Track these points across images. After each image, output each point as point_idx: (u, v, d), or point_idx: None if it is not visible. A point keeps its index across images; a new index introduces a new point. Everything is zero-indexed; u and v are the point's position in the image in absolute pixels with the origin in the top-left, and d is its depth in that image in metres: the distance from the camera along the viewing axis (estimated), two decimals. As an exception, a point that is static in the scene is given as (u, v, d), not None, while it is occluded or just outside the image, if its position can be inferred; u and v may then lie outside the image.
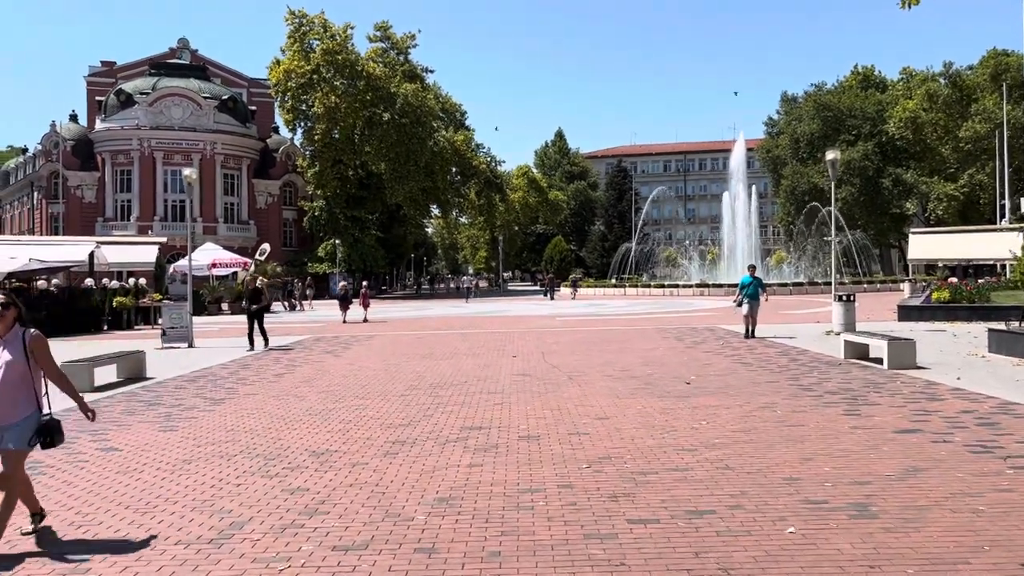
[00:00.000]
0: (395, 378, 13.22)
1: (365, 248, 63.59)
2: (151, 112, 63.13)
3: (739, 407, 9.67)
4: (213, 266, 39.64)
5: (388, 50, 65.40)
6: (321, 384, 12.67)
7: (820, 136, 75.07)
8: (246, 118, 68.91)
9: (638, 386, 11.65)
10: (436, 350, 18.21)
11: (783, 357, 15.13)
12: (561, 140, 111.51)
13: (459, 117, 77.25)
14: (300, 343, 21.18)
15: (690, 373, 13.02)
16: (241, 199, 67.75)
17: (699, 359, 15.16)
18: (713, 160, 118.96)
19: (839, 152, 20.43)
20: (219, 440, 8.40)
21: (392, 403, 10.56)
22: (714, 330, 22.42)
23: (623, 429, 8.45)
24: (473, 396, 10.97)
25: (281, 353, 18.46)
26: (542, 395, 10.94)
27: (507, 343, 19.68)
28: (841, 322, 19.66)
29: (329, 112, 59.49)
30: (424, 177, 61.89)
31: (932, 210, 67.23)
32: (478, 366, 14.71)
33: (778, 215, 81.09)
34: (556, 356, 16.23)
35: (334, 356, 17.42)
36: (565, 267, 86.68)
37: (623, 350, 17.20)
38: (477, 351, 17.77)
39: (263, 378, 13.69)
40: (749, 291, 19.78)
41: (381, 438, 8.27)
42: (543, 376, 13.04)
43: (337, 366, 15.33)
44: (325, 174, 61.53)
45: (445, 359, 16.19)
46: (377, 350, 18.68)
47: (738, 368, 13.59)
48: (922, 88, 69.60)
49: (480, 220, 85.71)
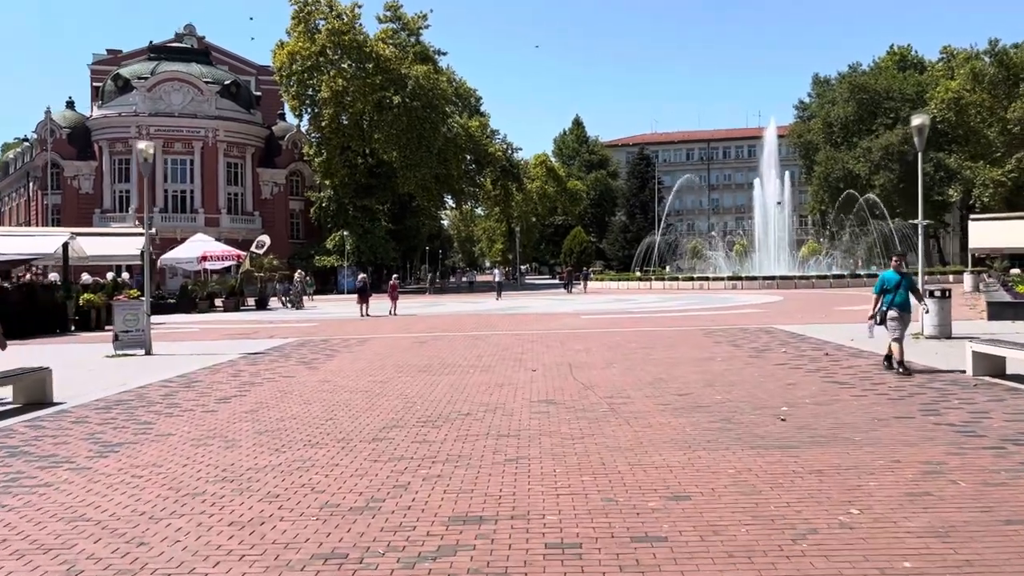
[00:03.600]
0: (374, 406, 9.80)
1: (375, 240, 60.33)
2: (150, 98, 60.00)
3: (888, 471, 6.16)
4: (203, 259, 36.34)
5: (399, 31, 61.96)
6: (271, 417, 9.28)
7: (855, 120, 71.14)
8: (250, 104, 65.72)
9: (713, 424, 8.16)
10: (438, 360, 14.79)
11: (884, 372, 11.57)
12: (579, 128, 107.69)
13: (474, 103, 73.76)
14: (279, 348, 17.83)
15: (775, 399, 9.52)
16: (245, 189, 64.58)
17: (774, 375, 11.64)
18: (738, 148, 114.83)
19: (927, 118, 16.75)
20: (25, 550, 4.99)
21: (354, 457, 7.13)
22: (771, 332, 18.85)
23: (723, 528, 4.96)
24: (475, 445, 7.52)
25: (250, 362, 15.12)
26: (575, 443, 7.48)
27: (526, 350, 16.23)
28: (935, 323, 16.08)
29: (336, 96, 56.24)
30: (437, 164, 58.48)
31: (977, 196, 62.95)
32: (487, 386, 11.27)
33: (810, 204, 76.94)
34: (587, 370, 12.77)
35: (310, 368, 14.04)
36: (585, 259, 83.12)
37: (671, 361, 13.69)
38: (488, 362, 14.32)
39: (201, 405, 10.31)
40: (898, 298, 11.62)
41: (306, 548, 4.82)
42: (574, 404, 9.58)
43: (307, 385, 11.95)
44: (333, 162, 58.29)
45: (447, 374, 12.77)
46: (367, 359, 15.28)
47: (837, 391, 10.06)
48: (966, 67, 65.23)
49: (496, 211, 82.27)
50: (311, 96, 58.44)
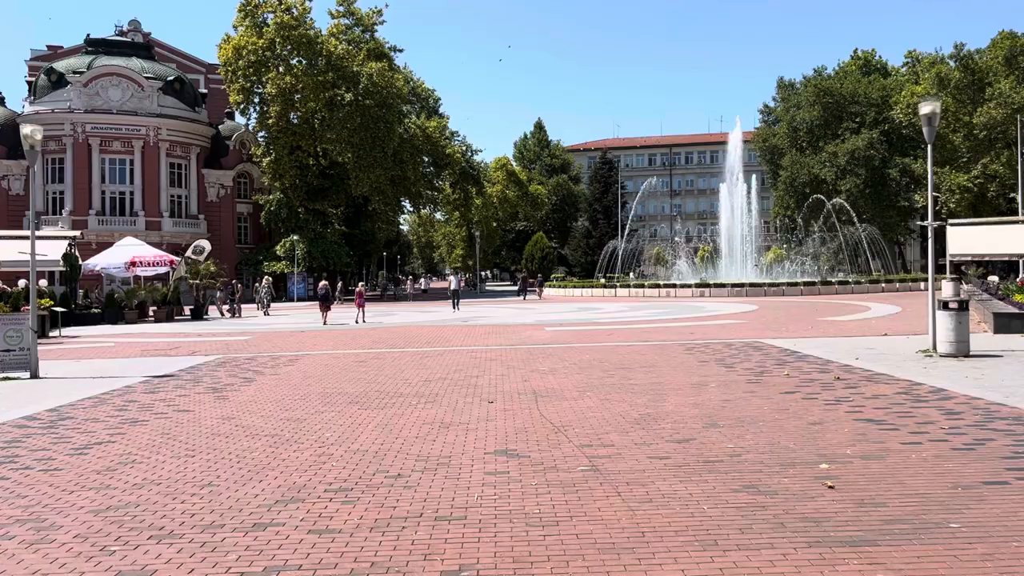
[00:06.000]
0: (276, 461, 7.32)
1: (328, 245, 57.44)
2: (86, 94, 56.39)
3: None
4: (133, 264, 33.25)
5: (352, 27, 59.16)
6: (127, 482, 6.74)
7: (821, 124, 70.03)
8: (195, 102, 62.35)
9: (736, 496, 5.84)
10: (376, 386, 12.31)
11: (921, 403, 9.41)
12: (541, 131, 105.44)
13: (432, 103, 71.22)
14: (193, 369, 15.18)
15: (805, 449, 7.24)
16: (190, 191, 61.16)
17: (788, 409, 9.39)
18: (700, 153, 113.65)
19: (937, 103, 14.74)
20: None
21: (208, 569, 4.66)
22: (761, 348, 16.69)
23: None
24: (398, 542, 5.08)
25: (150, 389, 12.49)
26: (548, 537, 5.09)
27: (483, 371, 13.83)
28: (951, 339, 14.00)
29: (283, 93, 53.29)
30: (392, 166, 55.80)
31: (944, 203, 62.03)
32: (431, 427, 8.85)
33: (774, 209, 75.66)
34: (556, 401, 10.41)
35: (218, 398, 11.48)
36: (547, 265, 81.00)
37: (655, 388, 11.39)
38: (436, 389, 11.89)
39: (45, 460, 7.72)
40: None
41: None
42: (542, 458, 7.20)
43: (203, 424, 9.42)
44: (282, 162, 55.27)
45: (383, 407, 10.32)
46: (291, 384, 12.75)
47: (880, 436, 7.82)
48: (931, 71, 64.35)
49: (456, 215, 79.71)
50: (259, 93, 55.44)
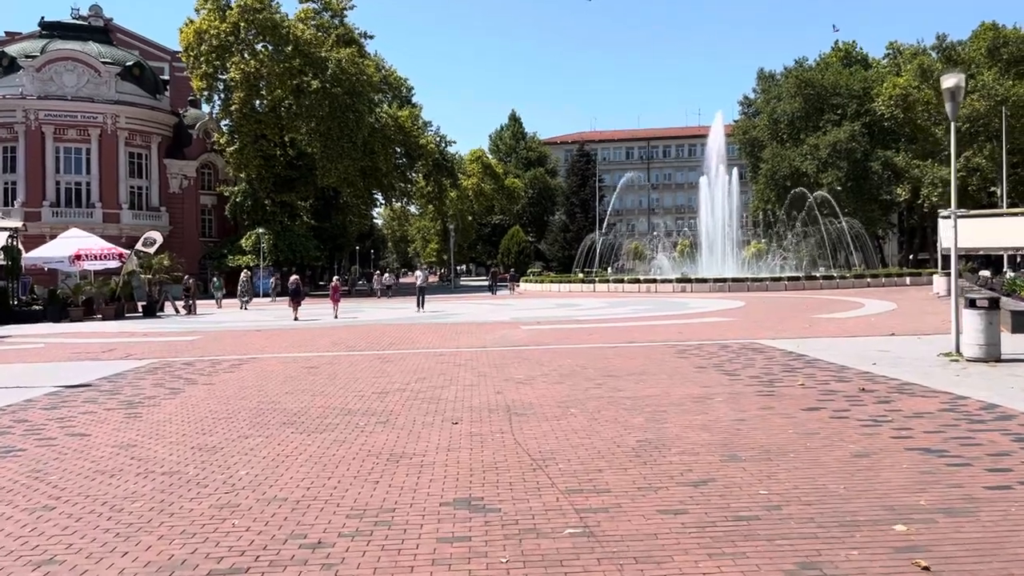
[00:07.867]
0: (161, 515, 5.42)
1: (295, 238, 55.22)
2: (39, 79, 53.63)
3: None
4: (78, 258, 30.91)
5: (320, 11, 56.86)
6: (-66, 557, 4.82)
7: (802, 116, 68.75)
8: (156, 88, 59.74)
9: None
10: (321, 400, 10.41)
11: (978, 424, 7.69)
12: (516, 124, 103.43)
13: (404, 92, 68.93)
14: (117, 377, 13.16)
15: (864, 499, 5.47)
16: (151, 182, 58.54)
17: (820, 433, 7.62)
18: (679, 147, 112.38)
19: (962, 76, 13.08)
20: None
21: None
22: (761, 350, 14.97)
23: None
24: None
25: (54, 403, 10.49)
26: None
27: (449, 380, 11.97)
28: (980, 342, 12.34)
29: (248, 79, 50.97)
30: (362, 156, 53.61)
31: (926, 196, 60.97)
32: (376, 461, 6.98)
33: (754, 202, 74.28)
34: (534, 421, 8.58)
35: (130, 416, 9.53)
36: (524, 260, 79.22)
37: (651, 402, 9.59)
38: (391, 404, 10.00)
39: None
40: None
41: None
42: (518, 513, 5.36)
43: (92, 454, 7.48)
44: (246, 152, 52.91)
45: (322, 430, 8.43)
46: (222, 398, 10.81)
47: (953, 476, 6.07)
48: (913, 63, 63.27)
49: (430, 209, 77.57)
50: (222, 79, 53.04)
